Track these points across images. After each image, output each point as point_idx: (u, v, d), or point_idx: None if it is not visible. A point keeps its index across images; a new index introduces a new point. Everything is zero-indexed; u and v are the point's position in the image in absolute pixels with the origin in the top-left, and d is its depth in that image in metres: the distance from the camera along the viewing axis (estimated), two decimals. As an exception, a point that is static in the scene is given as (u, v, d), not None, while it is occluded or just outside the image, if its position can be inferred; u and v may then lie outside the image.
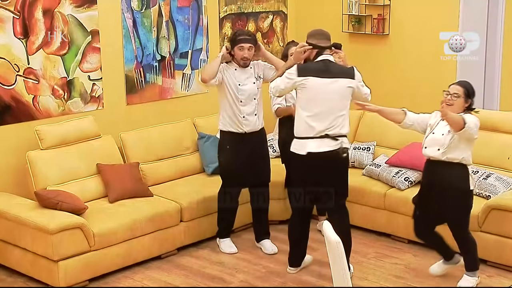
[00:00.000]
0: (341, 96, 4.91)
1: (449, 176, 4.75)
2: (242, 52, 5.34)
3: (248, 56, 5.36)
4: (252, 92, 5.39)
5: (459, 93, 4.78)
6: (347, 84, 4.94)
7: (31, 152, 5.38)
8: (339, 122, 4.90)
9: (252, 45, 5.38)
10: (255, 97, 5.41)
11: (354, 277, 5.04)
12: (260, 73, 5.49)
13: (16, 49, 5.38)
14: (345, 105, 4.96)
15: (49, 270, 4.89)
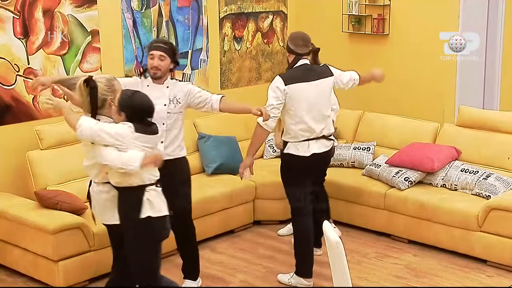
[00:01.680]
0: (327, 96, 5.02)
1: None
2: (152, 61, 4.51)
3: (157, 66, 4.51)
4: (159, 116, 4.38)
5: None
6: (330, 83, 5.05)
7: (31, 152, 5.38)
8: (329, 121, 5.01)
9: (166, 55, 4.53)
10: (163, 122, 4.52)
11: (354, 277, 5.03)
12: (179, 97, 4.59)
13: (16, 49, 5.38)
14: (330, 103, 5.06)
15: (49, 270, 4.89)
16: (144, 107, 3.93)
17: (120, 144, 3.81)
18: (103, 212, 4.09)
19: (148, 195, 3.91)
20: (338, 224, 6.03)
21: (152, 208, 3.91)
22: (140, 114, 3.90)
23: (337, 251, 3.30)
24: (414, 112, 6.69)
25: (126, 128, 3.83)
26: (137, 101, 3.91)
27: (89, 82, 3.90)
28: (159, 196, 3.97)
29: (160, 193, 3.98)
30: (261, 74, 7.41)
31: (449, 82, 6.83)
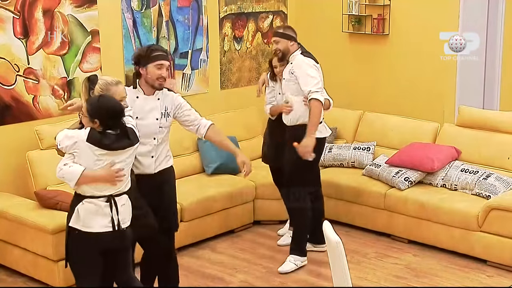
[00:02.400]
0: None
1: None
2: (160, 71, 4.25)
3: (165, 77, 4.30)
4: (150, 131, 4.28)
5: None
6: None
7: (31, 152, 5.38)
8: None
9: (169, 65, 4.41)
10: (154, 137, 4.32)
11: (354, 277, 5.03)
12: (169, 109, 4.38)
13: (16, 49, 5.38)
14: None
15: (49, 270, 4.89)
16: (116, 109, 3.74)
17: (75, 149, 3.75)
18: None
19: (80, 206, 3.79)
20: (338, 224, 6.03)
21: (78, 221, 3.79)
22: (114, 118, 3.73)
23: (337, 251, 3.30)
24: (414, 112, 6.69)
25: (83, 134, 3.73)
26: (108, 105, 3.73)
27: (91, 78, 3.88)
28: (96, 210, 3.79)
29: (102, 208, 3.78)
30: (261, 74, 7.40)
31: (449, 82, 6.82)
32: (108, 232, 3.81)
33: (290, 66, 5.27)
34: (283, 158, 5.33)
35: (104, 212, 3.80)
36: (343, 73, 7.43)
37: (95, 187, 3.78)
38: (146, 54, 4.24)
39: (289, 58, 5.30)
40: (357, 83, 7.33)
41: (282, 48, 5.27)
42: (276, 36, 5.33)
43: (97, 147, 3.72)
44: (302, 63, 5.19)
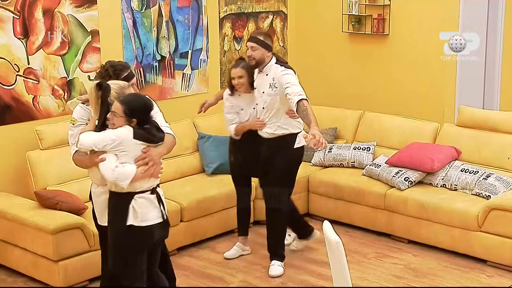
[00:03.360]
0: None
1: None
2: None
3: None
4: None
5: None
6: None
7: (31, 152, 5.38)
8: None
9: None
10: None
11: (354, 277, 5.03)
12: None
13: (16, 49, 5.38)
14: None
15: (49, 270, 4.89)
16: (149, 105, 3.90)
17: (121, 149, 3.78)
18: (103, 213, 4.06)
19: (134, 203, 3.84)
20: (338, 224, 6.03)
21: (136, 218, 3.84)
22: (148, 113, 3.87)
23: (337, 251, 3.30)
24: (414, 112, 6.69)
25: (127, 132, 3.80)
26: (143, 102, 3.88)
27: (102, 84, 3.84)
28: (149, 204, 3.88)
29: (152, 200, 3.89)
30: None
31: (449, 82, 6.83)
32: (160, 223, 3.93)
33: (269, 79, 4.98)
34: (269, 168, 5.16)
35: (155, 204, 3.91)
36: (343, 73, 7.44)
37: (147, 182, 3.88)
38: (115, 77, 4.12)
39: (264, 69, 5.02)
40: (357, 83, 7.33)
41: (258, 57, 4.96)
42: (255, 42, 4.96)
43: (144, 142, 3.82)
44: (285, 75, 4.90)
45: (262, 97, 5.08)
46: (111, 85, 3.88)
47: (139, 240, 3.89)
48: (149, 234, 3.90)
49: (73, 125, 4.04)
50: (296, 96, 4.70)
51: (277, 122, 5.07)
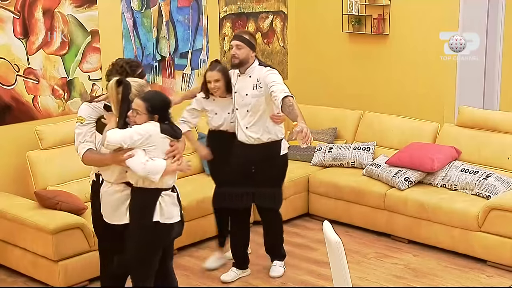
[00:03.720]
0: None
1: None
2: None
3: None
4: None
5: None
6: None
7: (31, 152, 5.38)
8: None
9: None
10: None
11: (354, 277, 5.03)
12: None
13: (16, 49, 5.38)
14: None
15: (49, 270, 4.89)
16: (169, 101, 3.97)
17: (150, 144, 3.83)
18: (114, 212, 4.03)
19: (161, 199, 3.90)
20: (338, 224, 6.04)
21: (162, 215, 3.90)
22: (168, 110, 3.94)
23: (337, 251, 3.30)
24: (414, 112, 6.69)
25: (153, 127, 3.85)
26: (163, 98, 3.96)
27: (122, 81, 3.86)
28: (172, 201, 3.96)
29: (174, 198, 3.97)
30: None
31: (449, 82, 6.83)
32: (179, 221, 4.01)
33: (253, 80, 4.82)
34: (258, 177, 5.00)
35: (176, 202, 3.99)
36: (343, 73, 7.44)
37: (172, 178, 3.95)
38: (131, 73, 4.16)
39: (246, 71, 4.83)
40: (357, 83, 7.33)
41: (243, 56, 4.77)
42: (240, 40, 4.78)
43: (171, 137, 3.90)
44: (270, 74, 4.73)
45: (245, 100, 4.85)
46: (132, 83, 3.90)
47: (160, 237, 3.94)
48: (170, 231, 3.97)
49: (81, 124, 4.02)
50: (281, 93, 4.51)
51: (262, 126, 4.87)
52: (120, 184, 4.01)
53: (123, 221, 4.02)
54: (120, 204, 4.02)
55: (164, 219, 3.91)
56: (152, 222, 3.88)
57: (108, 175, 4.03)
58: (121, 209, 4.01)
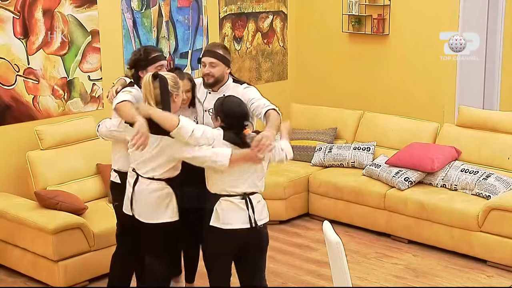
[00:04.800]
0: None
1: None
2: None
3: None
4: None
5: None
6: None
7: (31, 152, 5.38)
8: None
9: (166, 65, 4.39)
10: None
11: (354, 277, 5.03)
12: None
13: (16, 49, 5.38)
14: None
15: (49, 270, 4.88)
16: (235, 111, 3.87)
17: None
18: (152, 211, 3.97)
19: (219, 205, 3.85)
20: (338, 224, 6.04)
21: (218, 220, 3.86)
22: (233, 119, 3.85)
23: (337, 251, 3.30)
24: (414, 112, 6.69)
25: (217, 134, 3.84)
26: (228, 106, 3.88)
27: (157, 75, 3.86)
28: (235, 208, 3.86)
29: (238, 205, 3.86)
30: (261, 74, 7.41)
31: (449, 82, 6.83)
32: (245, 228, 3.87)
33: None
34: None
35: (241, 208, 3.86)
36: (343, 73, 7.44)
37: (231, 185, 3.84)
38: (144, 57, 4.19)
39: (220, 89, 4.29)
40: (357, 83, 7.33)
41: (218, 74, 4.22)
42: (214, 57, 4.22)
43: (233, 144, 3.82)
44: (249, 91, 4.25)
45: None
46: (167, 77, 3.90)
47: (220, 241, 3.90)
48: (231, 237, 3.88)
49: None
50: (263, 108, 4.09)
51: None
52: (161, 182, 3.94)
53: (161, 220, 3.97)
54: (159, 203, 3.95)
55: (220, 224, 3.85)
56: (208, 226, 3.87)
57: (149, 170, 3.93)
58: (160, 207, 3.96)
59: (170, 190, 3.96)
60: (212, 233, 3.90)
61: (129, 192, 4.04)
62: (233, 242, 3.92)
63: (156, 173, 3.94)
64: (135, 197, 4.01)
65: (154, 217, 3.99)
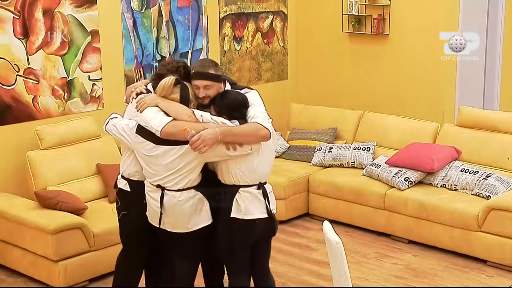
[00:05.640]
0: None
1: None
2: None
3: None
4: None
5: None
6: None
7: (31, 152, 5.38)
8: None
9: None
10: None
11: (354, 277, 5.03)
12: None
13: (16, 49, 5.38)
14: None
15: (49, 270, 4.88)
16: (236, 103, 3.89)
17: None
18: (188, 220, 3.87)
19: (239, 196, 3.84)
20: (338, 224, 6.04)
21: (239, 212, 3.84)
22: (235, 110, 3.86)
23: (337, 251, 3.30)
24: (414, 112, 6.69)
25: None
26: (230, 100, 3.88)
27: (180, 81, 3.82)
28: (253, 198, 3.86)
29: (257, 195, 3.87)
30: (261, 74, 7.41)
31: (449, 82, 6.83)
32: (265, 218, 3.90)
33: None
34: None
35: (259, 199, 3.89)
36: (343, 73, 7.44)
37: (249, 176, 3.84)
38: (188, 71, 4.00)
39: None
40: (357, 83, 7.33)
41: (214, 93, 3.91)
42: (207, 79, 3.87)
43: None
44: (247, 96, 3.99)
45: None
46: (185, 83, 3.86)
47: (242, 233, 3.89)
48: (252, 228, 3.89)
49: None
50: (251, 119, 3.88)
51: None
52: (191, 190, 3.85)
53: (198, 226, 3.90)
54: (192, 211, 3.88)
55: (242, 215, 3.85)
56: (229, 218, 3.86)
57: (178, 181, 3.80)
58: (193, 215, 3.89)
59: (200, 195, 3.89)
60: (234, 225, 3.87)
61: (156, 207, 3.89)
62: (255, 232, 3.93)
63: (183, 183, 3.82)
64: (165, 211, 3.88)
65: (190, 226, 3.90)
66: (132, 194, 4.06)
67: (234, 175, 3.85)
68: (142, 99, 3.87)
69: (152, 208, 3.94)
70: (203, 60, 4.09)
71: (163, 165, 3.79)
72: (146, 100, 3.85)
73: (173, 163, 3.78)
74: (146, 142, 3.81)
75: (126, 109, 4.11)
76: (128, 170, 4.08)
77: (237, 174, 3.84)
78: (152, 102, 3.82)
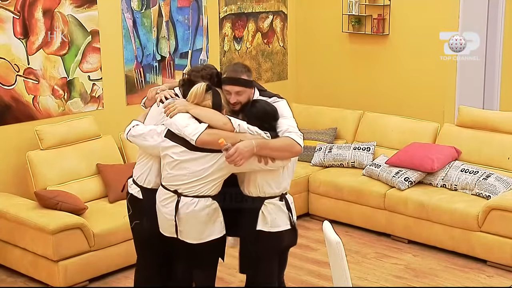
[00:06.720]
0: None
1: None
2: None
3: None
4: None
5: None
6: None
7: (31, 152, 5.38)
8: None
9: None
10: None
11: (354, 277, 5.04)
12: None
13: (16, 49, 5.38)
14: None
15: (49, 270, 4.89)
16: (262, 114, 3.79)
17: None
18: (202, 230, 3.79)
19: (264, 208, 3.78)
20: (338, 224, 6.04)
21: (266, 224, 3.79)
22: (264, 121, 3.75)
23: (337, 251, 3.30)
24: (414, 112, 6.69)
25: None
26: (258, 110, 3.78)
27: (211, 87, 3.73)
28: (278, 210, 3.82)
29: (281, 206, 3.82)
30: (261, 74, 7.41)
31: (449, 82, 6.83)
32: (289, 229, 3.84)
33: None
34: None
35: (283, 210, 3.83)
36: (343, 73, 7.44)
37: (275, 188, 3.79)
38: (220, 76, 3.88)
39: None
40: (357, 83, 7.34)
41: (246, 100, 3.80)
42: (240, 85, 3.75)
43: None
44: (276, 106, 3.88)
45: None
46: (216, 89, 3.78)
47: (269, 245, 3.82)
48: (279, 240, 3.83)
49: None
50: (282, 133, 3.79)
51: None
52: (208, 198, 3.74)
53: (213, 236, 3.82)
54: (208, 219, 3.79)
55: (268, 228, 3.78)
56: (255, 230, 3.78)
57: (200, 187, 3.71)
58: (209, 224, 3.80)
59: (216, 204, 3.79)
60: (262, 237, 3.80)
61: (170, 216, 3.78)
62: (281, 244, 3.89)
63: (203, 190, 3.73)
64: (179, 218, 3.77)
65: (203, 237, 3.81)
66: (144, 202, 3.94)
67: (261, 188, 3.78)
68: (171, 104, 3.76)
69: (165, 217, 3.83)
70: (236, 65, 3.96)
71: (190, 171, 3.69)
72: (177, 105, 3.73)
73: (202, 170, 3.67)
74: (177, 146, 3.69)
75: (147, 113, 4.00)
76: (143, 177, 3.94)
77: (263, 187, 3.78)
78: (183, 109, 3.71)
